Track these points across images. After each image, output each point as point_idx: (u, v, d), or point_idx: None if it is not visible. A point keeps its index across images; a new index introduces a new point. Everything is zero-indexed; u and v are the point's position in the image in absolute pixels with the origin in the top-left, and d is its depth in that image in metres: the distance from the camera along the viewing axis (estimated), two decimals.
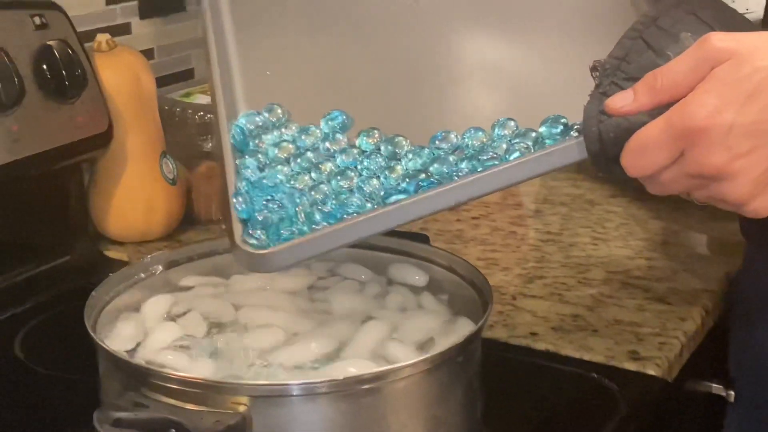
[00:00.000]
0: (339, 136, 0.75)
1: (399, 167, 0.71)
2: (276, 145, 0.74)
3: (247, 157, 0.73)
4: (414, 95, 0.77)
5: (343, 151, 0.73)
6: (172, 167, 1.20)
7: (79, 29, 1.11)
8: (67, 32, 1.09)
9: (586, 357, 0.93)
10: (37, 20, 1.07)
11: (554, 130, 0.69)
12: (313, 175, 0.72)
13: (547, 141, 0.69)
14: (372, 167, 0.72)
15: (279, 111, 0.77)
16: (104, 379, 0.75)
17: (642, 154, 0.64)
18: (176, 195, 1.20)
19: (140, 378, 0.70)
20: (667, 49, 0.65)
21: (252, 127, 0.75)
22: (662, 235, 1.19)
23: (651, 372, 0.91)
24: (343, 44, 0.81)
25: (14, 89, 1.02)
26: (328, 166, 0.72)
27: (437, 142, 0.72)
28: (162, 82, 1.30)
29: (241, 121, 0.76)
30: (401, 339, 0.78)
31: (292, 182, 0.72)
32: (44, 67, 1.06)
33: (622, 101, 0.65)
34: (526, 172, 0.68)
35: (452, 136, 0.72)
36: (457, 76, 0.78)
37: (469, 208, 1.27)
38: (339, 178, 0.71)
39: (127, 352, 0.76)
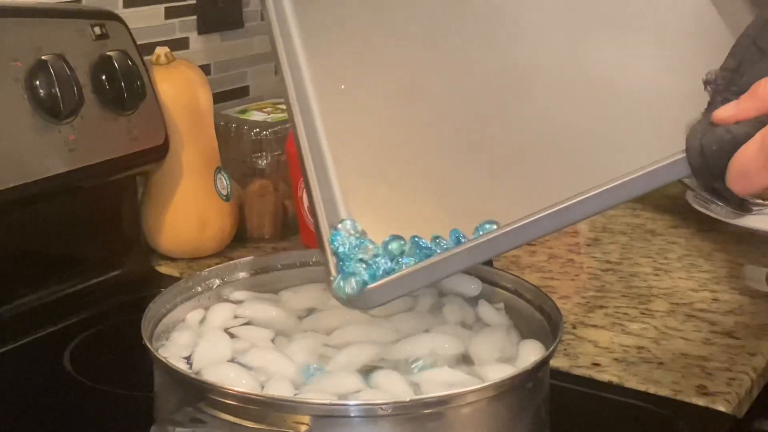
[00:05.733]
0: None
1: None
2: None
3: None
4: (490, 104, 0.75)
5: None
6: (226, 183, 1.18)
7: (137, 42, 1.10)
8: (126, 43, 1.08)
9: (652, 390, 0.89)
10: (97, 30, 1.06)
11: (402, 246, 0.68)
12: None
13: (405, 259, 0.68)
14: None
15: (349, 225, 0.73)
16: (159, 392, 0.73)
17: (745, 178, 0.60)
18: (229, 211, 1.18)
19: (198, 393, 0.67)
20: None
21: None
22: (727, 267, 1.16)
23: (721, 408, 0.87)
24: (416, 51, 0.78)
25: (73, 98, 1.00)
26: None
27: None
28: (217, 98, 1.28)
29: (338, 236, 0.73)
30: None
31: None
32: (103, 77, 1.05)
33: (726, 109, 0.61)
34: (632, 191, 0.64)
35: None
36: (539, 84, 0.74)
37: None
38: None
39: (183, 358, 0.74)
